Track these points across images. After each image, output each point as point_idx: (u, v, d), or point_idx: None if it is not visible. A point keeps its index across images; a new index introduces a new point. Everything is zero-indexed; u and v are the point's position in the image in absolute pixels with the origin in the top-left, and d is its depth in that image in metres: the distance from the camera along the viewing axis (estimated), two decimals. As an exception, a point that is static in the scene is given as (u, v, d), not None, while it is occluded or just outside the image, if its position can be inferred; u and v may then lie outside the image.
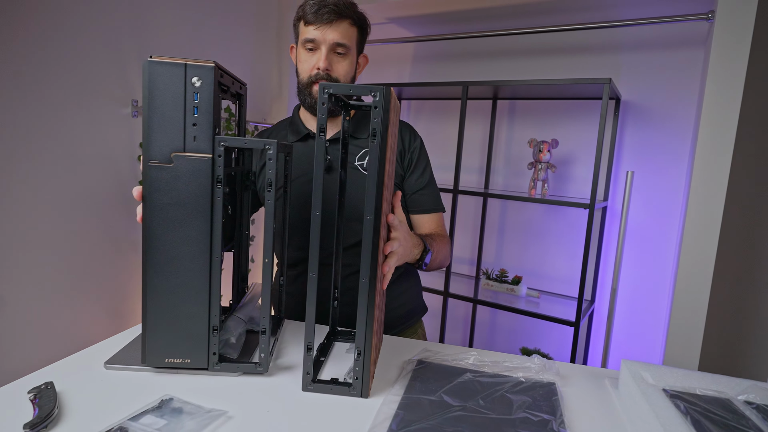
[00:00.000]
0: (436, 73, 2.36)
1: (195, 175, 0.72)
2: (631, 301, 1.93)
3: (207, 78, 0.71)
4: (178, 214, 0.72)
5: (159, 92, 0.71)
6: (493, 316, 2.29)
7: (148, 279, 0.73)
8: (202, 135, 0.72)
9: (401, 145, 1.16)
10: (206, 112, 0.71)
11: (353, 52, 1.08)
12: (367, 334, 0.74)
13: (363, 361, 0.74)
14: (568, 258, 2.06)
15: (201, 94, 0.71)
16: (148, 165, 0.72)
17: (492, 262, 2.27)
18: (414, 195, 1.16)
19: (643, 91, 1.88)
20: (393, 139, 0.91)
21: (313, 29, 1.02)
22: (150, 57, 0.70)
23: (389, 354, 0.92)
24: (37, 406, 0.64)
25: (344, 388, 0.75)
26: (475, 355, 0.91)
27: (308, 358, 0.74)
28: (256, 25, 2.07)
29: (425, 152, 1.20)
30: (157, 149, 0.71)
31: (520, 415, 0.70)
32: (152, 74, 0.70)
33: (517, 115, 2.19)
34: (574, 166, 2.04)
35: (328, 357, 0.89)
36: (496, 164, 2.25)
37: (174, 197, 0.72)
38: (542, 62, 2.08)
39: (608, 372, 0.92)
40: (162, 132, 0.71)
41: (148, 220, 0.73)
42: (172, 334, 0.75)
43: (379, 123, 0.71)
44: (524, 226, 2.18)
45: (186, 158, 0.72)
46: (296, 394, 0.74)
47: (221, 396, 0.72)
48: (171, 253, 0.73)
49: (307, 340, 0.74)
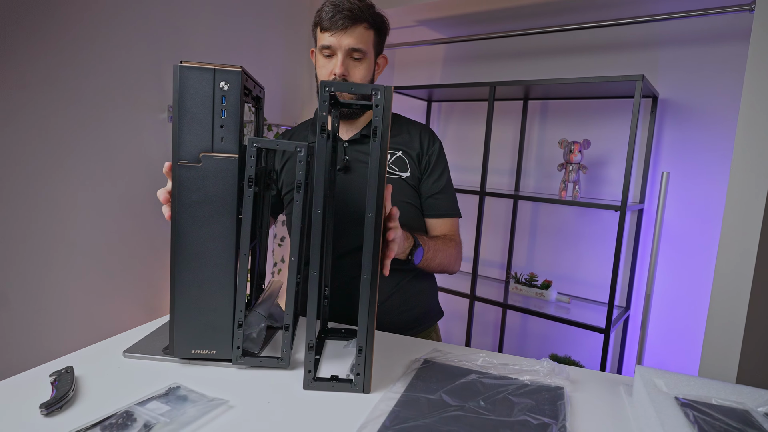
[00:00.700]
0: (466, 74, 2.34)
1: (222, 174, 0.75)
2: (668, 308, 1.83)
3: (234, 82, 0.74)
4: (205, 212, 0.76)
5: (189, 95, 0.74)
6: (523, 322, 2.24)
7: (177, 273, 0.77)
8: (229, 136, 0.75)
9: (419, 148, 1.16)
10: (233, 114, 0.75)
11: (370, 55, 1.09)
12: (368, 330, 0.75)
13: (365, 357, 0.75)
14: (602, 262, 1.99)
15: (228, 98, 0.75)
16: (178, 165, 0.75)
17: (523, 266, 2.22)
18: (429, 198, 1.16)
19: (682, 88, 1.79)
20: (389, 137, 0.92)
21: (329, 35, 1.04)
22: (180, 62, 0.74)
23: (398, 353, 0.92)
24: (55, 388, 0.69)
25: (346, 385, 0.76)
26: (484, 356, 0.89)
27: (310, 357, 0.76)
28: (287, 29, 2.13)
29: (444, 156, 1.19)
30: (187, 149, 0.75)
31: (520, 418, 0.69)
32: (182, 78, 0.74)
33: (549, 116, 2.14)
34: (609, 167, 1.97)
35: (322, 355, 0.90)
36: (527, 166, 2.20)
37: (202, 195, 0.76)
38: (576, 61, 2.03)
39: (625, 379, 0.88)
40: (191, 133, 0.75)
41: (177, 217, 0.76)
42: (199, 327, 0.78)
43: (380, 122, 0.72)
44: (555, 230, 2.12)
45: (214, 158, 0.75)
46: (298, 388, 0.75)
47: (227, 387, 0.74)
48: (198, 249, 0.76)
49: (309, 338, 0.75)
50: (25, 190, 1.29)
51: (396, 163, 1.14)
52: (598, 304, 1.95)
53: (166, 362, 0.81)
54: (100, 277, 1.49)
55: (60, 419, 0.63)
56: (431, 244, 1.08)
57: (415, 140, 1.16)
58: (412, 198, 1.15)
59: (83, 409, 0.66)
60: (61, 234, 1.38)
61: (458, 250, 1.17)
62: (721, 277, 1.33)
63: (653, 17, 1.66)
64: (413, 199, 1.15)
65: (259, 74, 1.70)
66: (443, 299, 1.34)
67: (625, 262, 1.92)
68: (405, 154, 1.15)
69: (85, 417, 0.63)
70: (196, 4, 1.71)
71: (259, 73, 1.90)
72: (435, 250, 1.08)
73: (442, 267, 1.13)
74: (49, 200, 1.35)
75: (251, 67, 0.98)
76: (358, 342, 0.75)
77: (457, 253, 1.16)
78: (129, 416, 0.63)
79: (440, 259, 1.10)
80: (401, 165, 1.14)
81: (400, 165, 1.14)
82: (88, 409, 0.66)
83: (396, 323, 1.14)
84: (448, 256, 1.13)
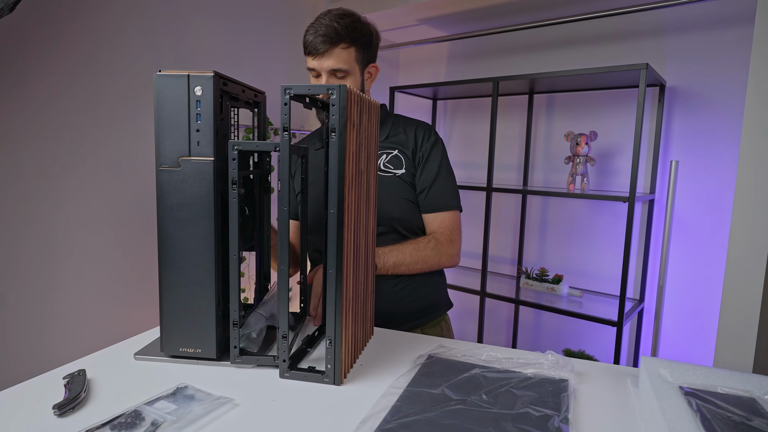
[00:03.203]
0: (471, 71, 2.34)
1: (199, 177, 0.77)
2: (681, 299, 1.81)
3: (207, 87, 0.76)
4: (185, 214, 0.78)
5: (167, 102, 0.77)
6: (536, 317, 2.23)
7: (162, 274, 0.80)
8: (205, 140, 0.77)
9: (413, 144, 1.19)
10: (208, 118, 0.77)
11: (354, 71, 1.13)
12: (336, 323, 0.77)
13: (334, 349, 0.77)
14: (613, 255, 1.97)
15: (203, 102, 0.77)
16: (160, 169, 0.78)
17: (534, 261, 2.20)
18: (421, 194, 1.19)
19: (690, 75, 1.76)
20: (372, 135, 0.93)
21: (312, 59, 1.11)
22: (159, 71, 0.77)
23: (403, 349, 0.93)
24: (67, 390, 0.71)
25: (318, 376, 0.78)
26: (488, 351, 0.90)
27: (283, 346, 0.78)
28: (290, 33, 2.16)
29: (438, 151, 1.21)
30: (167, 154, 0.78)
31: (521, 411, 0.69)
32: (160, 86, 0.77)
33: (555, 109, 2.12)
34: (618, 158, 1.95)
35: (315, 348, 0.92)
36: (534, 161, 2.19)
37: (182, 198, 0.78)
38: (581, 52, 2.01)
39: (633, 371, 0.87)
40: (170, 138, 0.77)
41: (161, 220, 0.79)
42: (185, 326, 0.81)
43: (336, 119, 0.74)
44: (565, 223, 2.11)
45: (191, 162, 0.77)
46: (304, 387, 0.77)
47: (233, 386, 0.76)
48: (181, 250, 0.79)
49: (282, 329, 0.77)
50: (40, 197, 1.33)
51: (392, 161, 1.18)
52: (610, 297, 1.93)
53: (175, 364, 0.83)
54: (113, 282, 1.53)
55: (72, 419, 0.65)
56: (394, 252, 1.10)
57: (410, 138, 1.20)
58: (409, 194, 1.18)
59: (94, 410, 0.68)
60: (74, 240, 1.42)
61: (440, 248, 1.15)
62: (734, 266, 1.30)
63: (657, 4, 1.64)
64: (410, 195, 1.18)
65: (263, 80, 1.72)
66: (453, 296, 1.34)
67: (638, 254, 1.90)
68: (401, 153, 1.18)
69: (96, 417, 0.65)
70: (200, 12, 1.74)
71: (263, 79, 1.92)
72: (399, 256, 1.10)
73: (416, 269, 1.14)
74: (63, 206, 1.39)
75: (255, 73, 1.01)
76: (327, 334, 0.77)
77: (437, 252, 1.14)
78: (137, 415, 0.65)
79: (409, 263, 1.12)
80: (397, 163, 1.17)
81: (395, 163, 1.17)
82: (99, 410, 0.68)
83: (400, 315, 1.16)
84: (422, 257, 1.13)
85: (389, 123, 1.23)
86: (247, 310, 0.99)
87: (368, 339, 0.98)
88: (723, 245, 1.70)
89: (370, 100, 0.92)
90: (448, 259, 1.18)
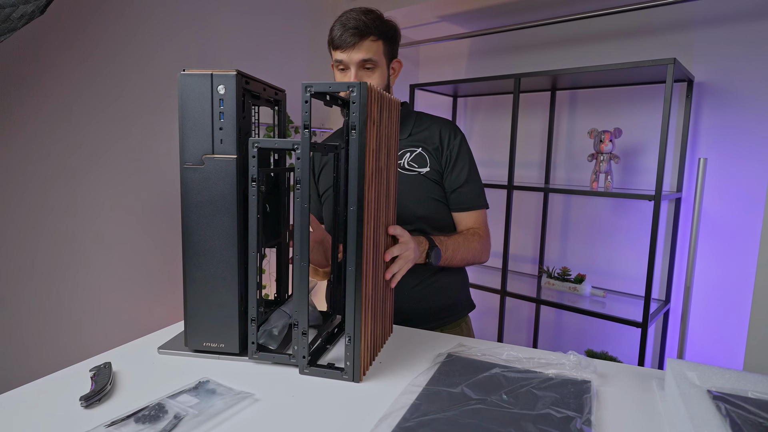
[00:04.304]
0: (492, 68, 2.31)
1: (222, 174, 0.79)
2: (709, 300, 1.75)
3: (230, 85, 0.77)
4: (209, 211, 0.80)
5: (191, 101, 0.78)
6: (558, 317, 2.19)
7: (187, 270, 0.81)
8: (228, 138, 0.78)
9: (438, 143, 1.19)
10: (231, 117, 0.78)
11: (382, 64, 1.13)
12: (356, 320, 0.77)
13: (353, 346, 0.77)
14: (638, 255, 1.92)
15: (226, 101, 0.77)
16: (184, 167, 0.79)
17: (555, 260, 2.17)
18: (453, 193, 1.19)
19: (719, 70, 1.71)
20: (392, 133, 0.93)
21: (340, 52, 1.11)
22: (183, 70, 0.78)
23: (423, 347, 0.93)
24: (94, 382, 0.73)
25: (337, 372, 0.78)
26: (509, 350, 0.89)
27: (302, 343, 0.78)
28: (312, 31, 2.17)
29: (466, 149, 1.21)
30: (190, 152, 0.79)
31: (543, 412, 0.68)
32: (184, 85, 0.78)
33: (578, 106, 2.08)
34: (643, 156, 1.90)
35: (334, 344, 0.93)
36: (557, 158, 2.16)
37: (205, 195, 0.79)
38: (605, 48, 1.96)
39: (658, 373, 0.85)
40: (194, 136, 0.78)
41: (185, 217, 0.80)
42: (209, 321, 0.82)
43: (357, 117, 0.74)
44: (588, 222, 2.07)
45: (215, 160, 0.78)
46: (325, 384, 0.77)
47: (254, 381, 0.77)
48: (204, 246, 0.80)
49: (301, 325, 0.78)
50: (66, 195, 1.37)
51: (415, 159, 1.17)
52: (634, 297, 1.89)
53: (198, 358, 0.84)
54: (140, 278, 1.56)
55: (98, 411, 0.67)
56: (450, 242, 1.11)
57: (434, 136, 1.19)
58: (435, 193, 1.17)
59: (119, 402, 0.69)
60: (101, 237, 1.45)
61: (483, 243, 1.18)
62: (765, 265, 1.26)
63: (685, -3, 1.59)
64: (436, 193, 1.17)
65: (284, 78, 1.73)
66: (473, 295, 1.33)
67: (663, 254, 1.85)
68: (425, 150, 1.18)
69: (121, 409, 0.67)
70: (222, 11, 1.76)
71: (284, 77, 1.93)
72: (455, 247, 1.11)
73: (466, 261, 1.15)
74: (91, 203, 1.42)
75: (276, 72, 1.02)
76: (347, 331, 0.77)
77: (481, 246, 1.17)
78: (161, 408, 0.67)
79: (463, 254, 1.13)
80: (420, 161, 1.17)
81: (419, 161, 1.17)
82: (124, 402, 0.69)
83: (421, 314, 1.16)
84: (471, 250, 1.15)
85: (411, 121, 1.22)
86: (271, 307, 1.00)
87: (387, 337, 0.98)
88: (753, 244, 1.64)
89: (391, 97, 0.91)
90: (487, 255, 1.21)
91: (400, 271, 0.93)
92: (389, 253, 0.91)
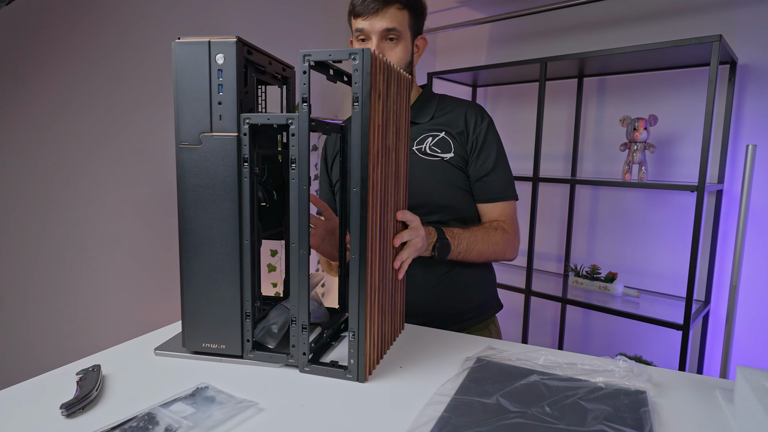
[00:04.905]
0: (514, 55, 2.19)
1: (222, 155, 0.70)
2: (756, 301, 1.62)
3: (229, 54, 0.68)
4: (207, 196, 0.71)
5: (186, 73, 0.70)
6: (585, 318, 2.07)
7: (184, 262, 0.73)
8: (228, 114, 0.70)
9: (463, 127, 1.09)
10: (231, 90, 0.69)
11: (406, 36, 1.04)
12: (360, 313, 0.68)
13: (358, 342, 0.68)
14: (673, 251, 1.79)
15: (225, 72, 0.69)
16: (180, 147, 0.71)
17: (582, 258, 2.04)
18: (477, 182, 1.08)
19: (765, 50, 1.57)
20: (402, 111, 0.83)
21: (362, 20, 1.01)
22: (178, 38, 0.69)
23: (447, 350, 0.83)
24: (79, 387, 0.65)
25: (340, 371, 0.70)
26: (546, 354, 0.78)
27: (302, 339, 0.70)
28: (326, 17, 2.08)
29: (493, 135, 1.10)
30: (187, 131, 0.71)
31: (595, 428, 0.57)
32: (179, 55, 0.70)
33: (607, 93, 1.96)
34: (679, 145, 1.77)
35: (339, 341, 0.85)
36: (584, 149, 2.03)
37: (203, 178, 0.71)
38: (637, 30, 1.84)
39: (720, 382, 0.74)
40: (190, 113, 0.70)
41: (181, 203, 0.72)
42: (208, 319, 0.74)
43: (360, 87, 0.65)
44: (619, 217, 1.94)
45: (213, 138, 0.70)
46: (336, 389, 0.68)
47: (258, 386, 0.68)
48: (203, 236, 0.71)
49: (300, 319, 0.70)
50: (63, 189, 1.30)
51: (438, 144, 1.07)
52: (671, 297, 1.76)
53: (197, 360, 0.76)
54: (146, 273, 1.49)
55: (80, 421, 0.59)
56: (466, 235, 1.00)
57: (459, 119, 1.09)
58: (459, 180, 1.07)
59: (105, 410, 0.61)
60: (104, 231, 1.38)
61: (508, 238, 1.06)
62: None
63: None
64: (460, 181, 1.07)
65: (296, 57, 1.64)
66: (496, 293, 1.22)
67: (702, 250, 1.72)
68: (448, 135, 1.08)
69: (106, 418, 0.58)
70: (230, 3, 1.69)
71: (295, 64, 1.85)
72: (471, 240, 1.00)
73: (484, 256, 1.04)
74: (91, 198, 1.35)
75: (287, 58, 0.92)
76: (350, 326, 0.69)
77: (505, 241, 1.05)
78: (151, 419, 0.58)
79: (480, 249, 1.02)
80: (444, 146, 1.07)
81: (442, 146, 1.07)
82: (110, 410, 0.61)
83: (445, 314, 1.06)
84: (491, 244, 1.03)
85: (434, 103, 1.12)
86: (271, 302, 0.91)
87: (398, 333, 0.89)
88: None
89: (401, 71, 0.82)
90: (512, 252, 1.09)
91: (407, 260, 0.84)
92: (398, 237, 0.81)
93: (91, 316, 1.36)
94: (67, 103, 1.28)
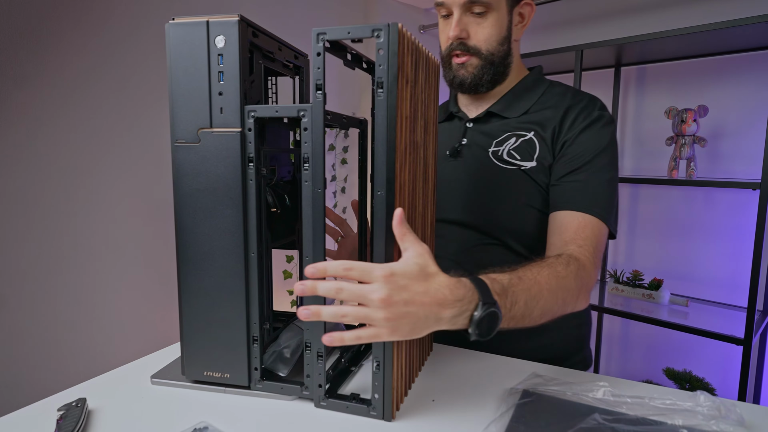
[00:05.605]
0: (546, 44, 2.05)
1: (224, 154, 0.60)
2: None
3: (231, 36, 0.58)
4: (208, 202, 0.61)
5: (182, 59, 0.60)
6: (624, 328, 1.91)
7: (182, 278, 0.63)
8: (230, 106, 0.59)
9: (558, 126, 0.83)
10: (233, 77, 0.59)
11: (500, 6, 0.83)
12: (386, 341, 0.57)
13: (384, 374, 0.57)
14: (728, 256, 1.63)
15: (226, 57, 0.59)
16: (175, 145, 0.61)
17: (622, 263, 1.89)
18: (556, 185, 0.81)
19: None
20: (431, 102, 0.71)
21: None
22: (172, 19, 0.59)
23: (486, 377, 0.71)
24: (59, 427, 0.55)
25: (363, 408, 0.59)
26: (606, 386, 0.66)
27: (318, 368, 0.60)
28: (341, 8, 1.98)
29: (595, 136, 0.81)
30: (183, 126, 0.61)
31: (688, 494, 0.45)
32: (174, 39, 0.60)
33: (647, 83, 1.81)
34: (732, 139, 1.61)
35: (359, 367, 0.73)
36: (622, 145, 1.88)
37: (203, 182, 0.61)
38: (680, 15, 1.68)
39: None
40: (187, 106, 0.60)
41: (179, 210, 0.62)
42: (210, 344, 0.64)
43: (385, 70, 0.54)
44: (663, 217, 1.78)
45: (213, 134, 0.60)
46: (358, 428, 0.57)
47: (268, 424, 0.57)
48: (204, 248, 0.61)
49: (315, 346, 0.59)
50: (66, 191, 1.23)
51: (520, 148, 0.83)
52: (725, 307, 1.60)
53: (199, 390, 0.66)
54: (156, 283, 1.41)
55: (52, 474, 0.49)
56: (522, 286, 0.61)
57: (557, 116, 0.83)
58: (538, 200, 0.83)
59: (84, 459, 0.51)
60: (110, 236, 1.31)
61: (582, 276, 0.70)
62: None
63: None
64: (538, 201, 0.83)
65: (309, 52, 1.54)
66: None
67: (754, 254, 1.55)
68: (537, 136, 0.83)
69: (83, 471, 0.49)
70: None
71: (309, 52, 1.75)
72: (532, 293, 0.61)
73: (549, 315, 0.66)
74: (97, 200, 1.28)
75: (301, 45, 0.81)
76: (375, 355, 0.58)
77: (579, 284, 0.69)
78: (135, 473, 0.48)
79: (545, 306, 0.63)
80: (526, 151, 0.83)
81: (524, 151, 0.83)
82: (89, 459, 0.51)
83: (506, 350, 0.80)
84: (562, 293, 0.66)
85: (536, 94, 0.88)
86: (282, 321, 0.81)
87: (426, 357, 0.77)
88: None
89: (428, 53, 0.69)
90: (585, 299, 0.72)
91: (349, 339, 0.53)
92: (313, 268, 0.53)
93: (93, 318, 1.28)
94: (70, 102, 1.21)
